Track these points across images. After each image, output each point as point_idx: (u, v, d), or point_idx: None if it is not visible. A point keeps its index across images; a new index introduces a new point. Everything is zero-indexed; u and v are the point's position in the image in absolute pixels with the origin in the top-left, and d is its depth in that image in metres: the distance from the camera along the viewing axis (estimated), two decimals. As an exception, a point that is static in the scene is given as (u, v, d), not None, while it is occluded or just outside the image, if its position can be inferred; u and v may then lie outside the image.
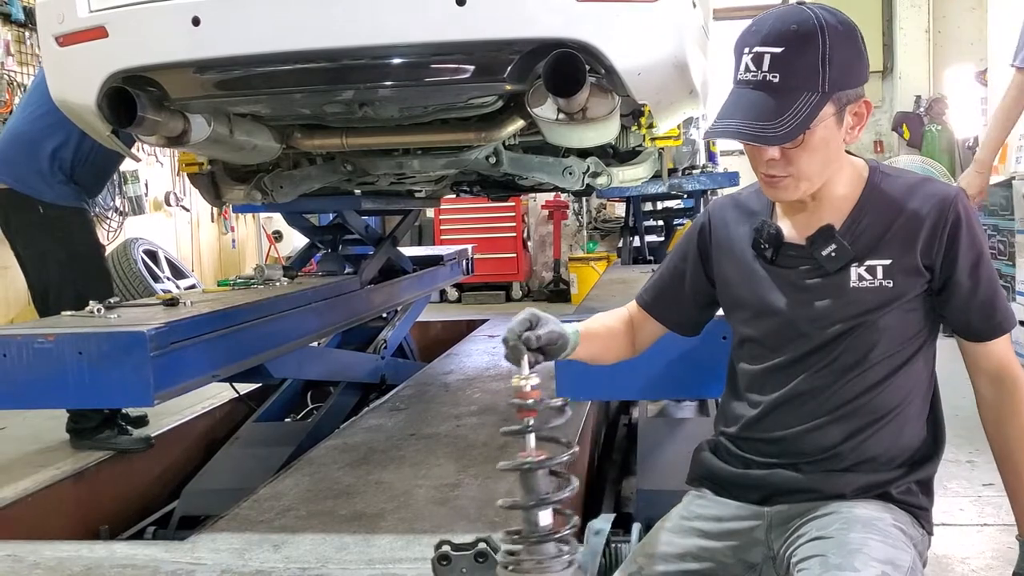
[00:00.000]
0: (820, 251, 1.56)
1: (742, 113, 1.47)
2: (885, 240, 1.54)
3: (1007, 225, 5.28)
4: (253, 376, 3.62)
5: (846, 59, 1.45)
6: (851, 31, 1.48)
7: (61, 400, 2.95)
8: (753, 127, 1.45)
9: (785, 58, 1.44)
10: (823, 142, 1.48)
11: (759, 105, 1.45)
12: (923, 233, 1.53)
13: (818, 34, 1.43)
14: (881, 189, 1.57)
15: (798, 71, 1.44)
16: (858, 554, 1.43)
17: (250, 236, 9.59)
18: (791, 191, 1.54)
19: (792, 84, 1.44)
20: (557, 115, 2.48)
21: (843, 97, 1.47)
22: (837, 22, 1.46)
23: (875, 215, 1.56)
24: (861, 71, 1.50)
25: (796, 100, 1.44)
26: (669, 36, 2.46)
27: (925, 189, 1.56)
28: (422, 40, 2.41)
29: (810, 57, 1.43)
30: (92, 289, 3.54)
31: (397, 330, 5.45)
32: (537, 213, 9.90)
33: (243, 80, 2.60)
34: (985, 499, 2.79)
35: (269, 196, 3.41)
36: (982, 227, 1.58)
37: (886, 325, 1.56)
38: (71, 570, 2.39)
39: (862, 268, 1.55)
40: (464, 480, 3.06)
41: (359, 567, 2.35)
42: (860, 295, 1.55)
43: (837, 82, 1.45)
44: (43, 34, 2.73)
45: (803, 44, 1.44)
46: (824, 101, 1.45)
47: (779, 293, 1.62)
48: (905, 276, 1.54)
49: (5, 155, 3.74)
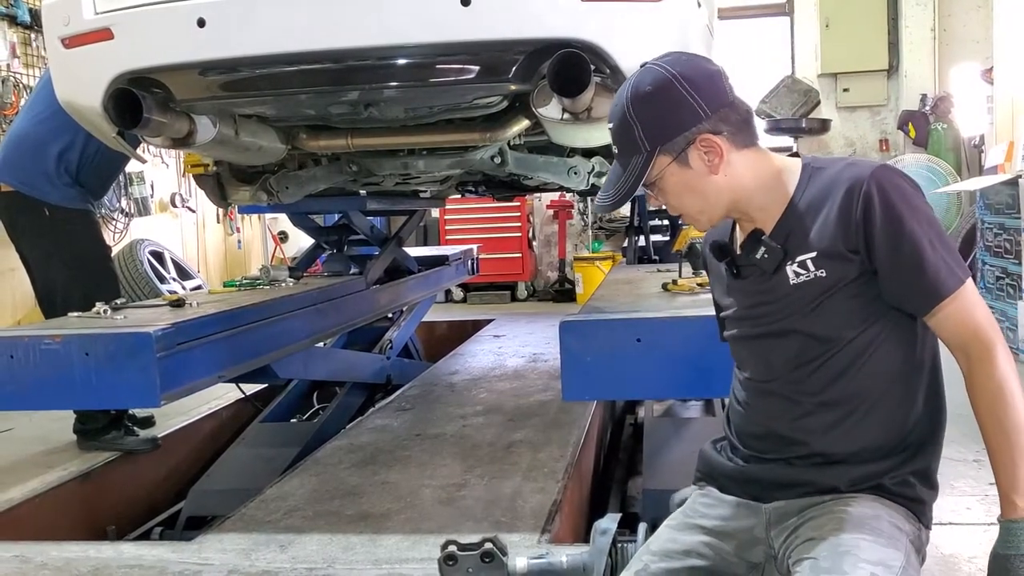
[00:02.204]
0: (754, 256, 1.64)
1: (606, 186, 1.69)
2: (811, 233, 1.58)
3: (1013, 224, 5.26)
4: (259, 377, 3.62)
5: (655, 117, 1.57)
6: (661, 89, 1.57)
7: (68, 401, 2.96)
8: (603, 198, 1.68)
9: (614, 132, 1.63)
10: (678, 185, 1.61)
11: (611, 175, 1.68)
12: (838, 219, 1.54)
13: (624, 106, 1.59)
14: (810, 185, 1.61)
15: (622, 142, 1.62)
16: (848, 556, 1.44)
17: (255, 237, 9.60)
18: (696, 223, 1.71)
19: (622, 152, 1.63)
20: (562, 115, 2.48)
21: (673, 146, 1.57)
22: (644, 85, 1.58)
23: (803, 212, 1.60)
24: (682, 118, 1.57)
25: (627, 165, 1.61)
26: (674, 36, 2.45)
27: (843, 174, 1.57)
28: (427, 41, 2.41)
29: (625, 127, 1.60)
30: (98, 290, 3.54)
31: (403, 330, 5.45)
32: (542, 213, 9.89)
33: (248, 81, 2.60)
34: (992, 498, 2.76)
35: (275, 197, 3.42)
36: (908, 195, 1.53)
37: (831, 312, 1.58)
38: (78, 570, 2.40)
39: (795, 265, 1.59)
40: (470, 480, 3.06)
41: (365, 567, 2.36)
42: (801, 290, 1.59)
43: (656, 138, 1.57)
44: (49, 36, 2.74)
45: (617, 117, 1.61)
46: (650, 158, 1.59)
47: (740, 299, 1.72)
48: (833, 263, 1.56)
49: (11, 157, 3.74)
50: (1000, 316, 5.38)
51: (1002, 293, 5.38)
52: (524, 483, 2.97)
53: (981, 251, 5.75)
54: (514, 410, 4.04)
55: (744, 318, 1.72)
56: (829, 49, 8.78)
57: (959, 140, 8.11)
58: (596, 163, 3.05)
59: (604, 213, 2.24)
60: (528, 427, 3.69)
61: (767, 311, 1.66)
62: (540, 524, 2.57)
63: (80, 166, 3.68)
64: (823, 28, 8.75)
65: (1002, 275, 5.40)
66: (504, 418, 3.91)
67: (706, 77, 1.59)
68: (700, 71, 1.60)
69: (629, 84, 1.61)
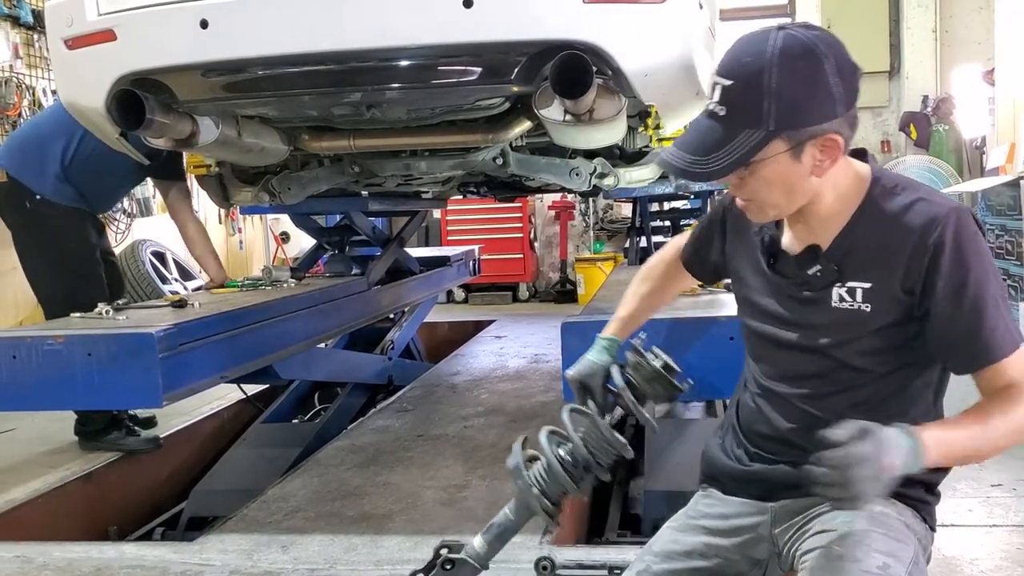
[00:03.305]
0: (807, 270, 1.56)
1: (688, 144, 1.47)
2: (870, 262, 1.50)
3: (1015, 225, 5.26)
4: (261, 377, 3.63)
5: (801, 96, 1.39)
6: (816, 64, 1.39)
7: (70, 401, 2.97)
8: (688, 161, 1.45)
9: (733, 92, 1.41)
10: (776, 175, 1.44)
11: (704, 136, 1.44)
12: (905, 257, 1.47)
13: (764, 72, 1.37)
14: (876, 206, 1.52)
15: (741, 107, 1.40)
16: (860, 545, 1.44)
17: (257, 237, 9.61)
18: (758, 215, 1.55)
19: (735, 119, 1.41)
20: (564, 116, 2.48)
21: (797, 135, 1.40)
22: (798, 54, 1.38)
23: (865, 235, 1.51)
24: (826, 107, 1.40)
25: (734, 136, 1.41)
26: (676, 37, 2.46)
27: (918, 208, 1.47)
28: (429, 42, 2.41)
29: (754, 94, 1.38)
30: (80, 291, 3.56)
31: (404, 331, 5.45)
32: (544, 214, 9.90)
33: (251, 82, 2.61)
34: (994, 500, 2.78)
35: (277, 197, 3.42)
36: (982, 248, 1.46)
37: (866, 346, 1.54)
38: (80, 571, 2.41)
39: (843, 289, 1.53)
40: (472, 481, 3.06)
41: (367, 568, 2.36)
42: (839, 315, 1.54)
43: (785, 121, 1.39)
44: (52, 37, 2.74)
45: (749, 80, 1.39)
46: (769, 139, 1.40)
47: (773, 298, 1.65)
48: (882, 300, 1.50)
49: (15, 146, 3.82)
50: (1002, 318, 5.37)
51: (1004, 295, 5.38)
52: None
53: (983, 252, 5.74)
54: (516, 411, 4.05)
55: (772, 315, 1.65)
56: (830, 50, 8.77)
57: (960, 141, 8.11)
58: (598, 164, 3.05)
59: (686, 179, 2.05)
60: (530, 428, 3.68)
61: (799, 322, 1.60)
62: (541, 525, 2.57)
63: (72, 164, 3.67)
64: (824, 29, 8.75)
65: (1004, 277, 5.40)
66: (506, 419, 3.91)
67: (852, 70, 1.42)
68: (848, 61, 1.42)
69: (774, 46, 1.38)
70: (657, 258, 2.00)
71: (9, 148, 3.83)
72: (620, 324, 1.90)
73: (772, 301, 1.65)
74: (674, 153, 1.48)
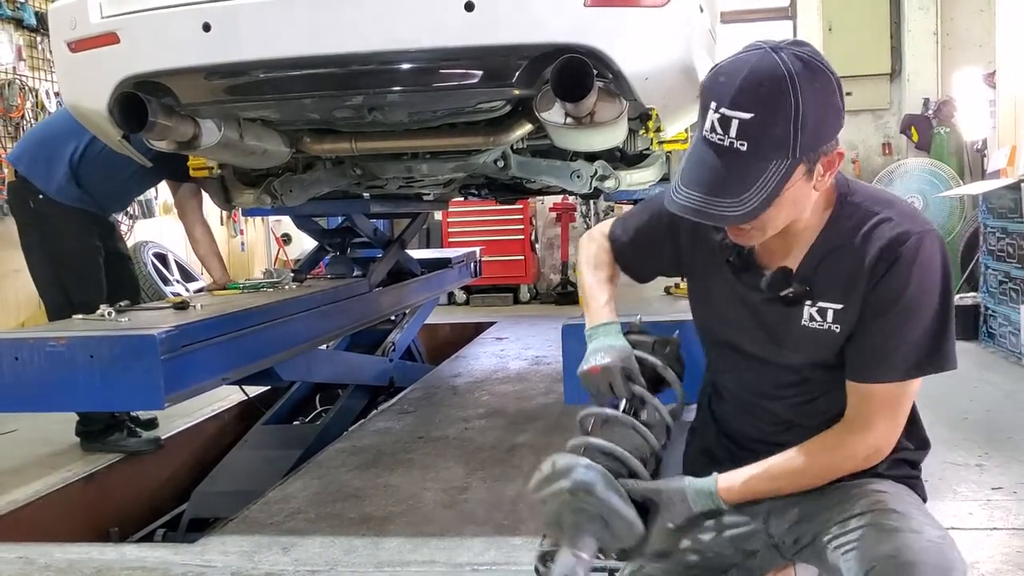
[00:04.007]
0: (778, 292, 1.54)
1: (706, 185, 1.37)
2: (839, 283, 1.50)
3: (1016, 228, 5.26)
4: (262, 379, 3.63)
5: (820, 118, 1.34)
6: (827, 82, 1.36)
7: (72, 403, 2.97)
8: (715, 204, 1.36)
9: (754, 125, 1.31)
10: (791, 200, 1.40)
11: (724, 176, 1.35)
12: (866, 278, 1.47)
13: (791, 96, 1.31)
14: (845, 222, 1.50)
15: (767, 139, 1.32)
16: (909, 518, 1.44)
17: (259, 239, 9.61)
18: (755, 239, 1.51)
19: (761, 153, 1.33)
20: (565, 119, 2.49)
21: (815, 155, 1.37)
22: (812, 76, 1.33)
23: (834, 254, 1.50)
24: (836, 124, 1.38)
25: (764, 170, 1.34)
26: (677, 41, 2.46)
27: (884, 229, 1.46)
28: (431, 45, 2.42)
29: (781, 124, 1.31)
30: (76, 292, 3.58)
31: (405, 333, 5.46)
32: (545, 216, 9.90)
33: (253, 85, 2.61)
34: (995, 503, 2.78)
35: (278, 200, 3.43)
36: (932, 274, 1.44)
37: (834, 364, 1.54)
38: (82, 572, 2.41)
39: (814, 308, 1.52)
40: (472, 483, 3.07)
41: (368, 570, 2.36)
42: (808, 333, 1.54)
43: (809, 144, 1.34)
44: (55, 40, 2.75)
45: (774, 109, 1.31)
46: (795, 166, 1.35)
47: (737, 306, 1.63)
48: (853, 323, 1.50)
49: (26, 144, 3.85)
50: (1003, 320, 5.38)
51: (1005, 297, 5.38)
52: (526, 486, 2.96)
53: (984, 255, 5.75)
54: (516, 413, 4.05)
55: (729, 325, 1.65)
56: (832, 53, 8.76)
57: (962, 144, 8.11)
58: (599, 167, 3.06)
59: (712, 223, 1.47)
60: (530, 430, 3.70)
61: (763, 338, 1.60)
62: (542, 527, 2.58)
63: (81, 165, 3.69)
64: (825, 32, 8.76)
65: (1005, 279, 5.40)
66: (506, 421, 3.91)
67: (839, 80, 1.39)
68: (834, 71, 1.38)
69: (790, 70, 1.31)
70: (597, 248, 1.89)
71: (22, 147, 3.87)
72: (609, 308, 1.78)
73: (730, 309, 1.64)
74: (693, 198, 1.38)
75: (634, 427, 1.63)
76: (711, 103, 1.35)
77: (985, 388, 4.38)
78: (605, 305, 1.78)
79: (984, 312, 5.68)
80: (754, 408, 1.70)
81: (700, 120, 1.39)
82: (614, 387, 1.66)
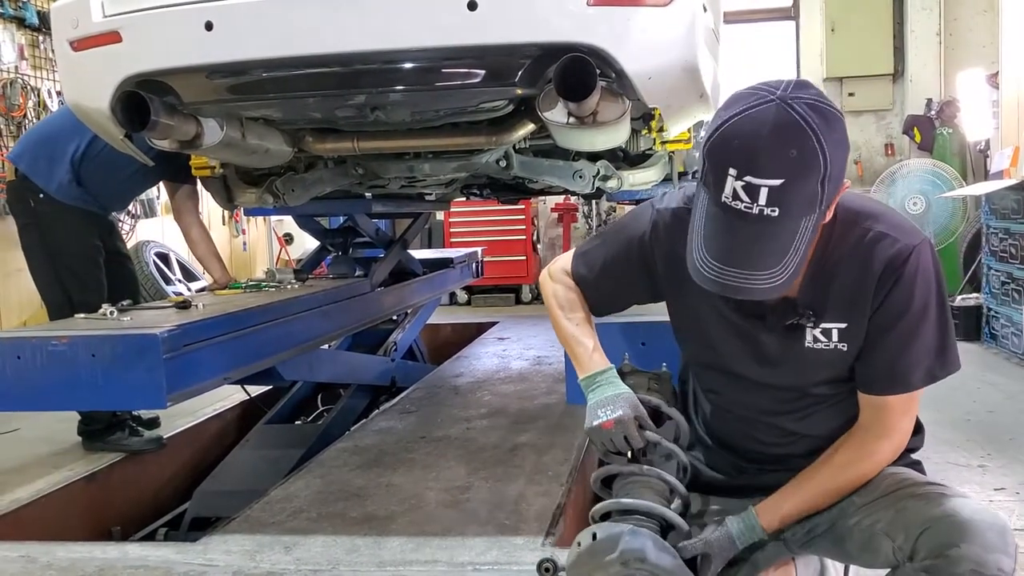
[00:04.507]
0: (784, 322, 1.53)
1: (738, 259, 1.32)
2: (841, 302, 1.50)
3: (1019, 228, 5.26)
4: (264, 378, 3.63)
5: (840, 166, 1.31)
6: (840, 127, 1.32)
7: (74, 402, 2.97)
8: (750, 278, 1.32)
9: (786, 191, 1.26)
10: (812, 246, 1.39)
11: (756, 246, 1.31)
12: (870, 296, 1.47)
13: (819, 156, 1.27)
14: (841, 240, 1.49)
15: (798, 201, 1.28)
16: (946, 487, 1.47)
17: (261, 239, 9.61)
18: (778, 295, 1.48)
19: (792, 215, 1.29)
20: (568, 119, 2.48)
21: (834, 197, 1.36)
22: (830, 126, 1.29)
23: (833, 274, 1.50)
24: (845, 166, 1.34)
25: (795, 232, 1.30)
26: (680, 40, 2.46)
27: (882, 245, 1.46)
28: (434, 44, 2.41)
29: (811, 183, 1.28)
30: (75, 291, 3.58)
31: (407, 332, 5.46)
32: (547, 216, 9.90)
33: (255, 84, 2.61)
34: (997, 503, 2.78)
35: (280, 199, 3.43)
36: (931, 285, 1.46)
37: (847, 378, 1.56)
38: (84, 571, 2.41)
39: (817, 330, 1.52)
40: (474, 483, 3.06)
41: (370, 569, 2.36)
42: (813, 355, 1.54)
43: (833, 192, 1.33)
44: (57, 39, 2.75)
45: (805, 172, 1.27)
46: (820, 218, 1.34)
47: (729, 334, 1.61)
48: (858, 340, 1.51)
49: (27, 142, 3.84)
50: (1005, 322, 5.37)
51: (1007, 298, 5.38)
52: (528, 486, 2.97)
53: (986, 256, 5.74)
54: (518, 413, 4.05)
55: (721, 355, 1.65)
56: (834, 53, 8.79)
57: (965, 145, 8.10)
58: (601, 167, 3.05)
59: (752, 298, 1.35)
60: (532, 430, 3.69)
61: (772, 367, 1.59)
62: (544, 527, 2.58)
63: (83, 164, 3.69)
64: (828, 32, 8.76)
65: (1007, 279, 5.39)
66: (508, 421, 3.91)
67: (842, 114, 1.36)
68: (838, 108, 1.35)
69: (814, 128, 1.26)
70: (564, 288, 1.82)
71: (22, 146, 3.85)
72: (599, 353, 1.73)
73: (730, 339, 1.62)
74: (726, 274, 1.32)
75: (659, 477, 1.61)
76: (730, 170, 1.28)
77: (987, 389, 4.38)
78: (595, 351, 1.73)
79: (986, 313, 5.67)
80: (756, 424, 1.69)
81: (710, 182, 1.32)
82: (629, 439, 1.60)
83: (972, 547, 1.32)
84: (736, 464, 1.74)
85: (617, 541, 1.44)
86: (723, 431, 1.77)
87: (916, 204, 7.00)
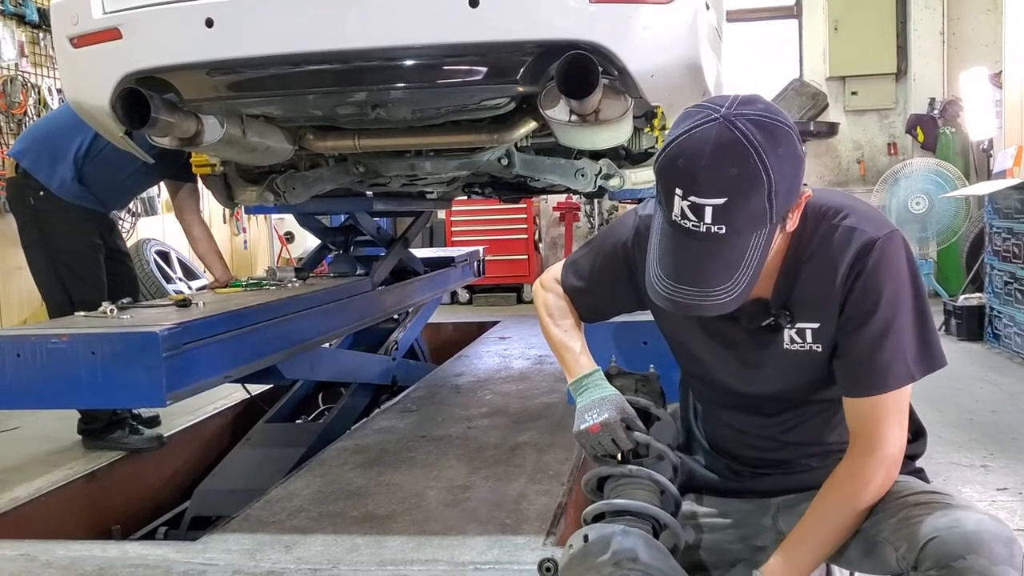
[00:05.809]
0: (759, 323, 1.52)
1: (689, 276, 1.34)
2: (812, 301, 1.49)
3: (1022, 228, 5.25)
4: (265, 377, 3.62)
5: (790, 178, 1.31)
6: (788, 140, 1.31)
7: (74, 400, 2.97)
8: (703, 295, 1.34)
9: (730, 209, 1.27)
10: (770, 256, 1.40)
11: (707, 263, 1.33)
12: (838, 293, 1.46)
13: (760, 172, 1.27)
14: (807, 237, 1.48)
15: (744, 218, 1.29)
16: (950, 496, 1.45)
17: (262, 237, 9.61)
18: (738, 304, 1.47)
19: (740, 231, 1.30)
20: (570, 117, 2.47)
21: (788, 210, 1.36)
22: (774, 140, 1.29)
23: (804, 272, 1.49)
24: (802, 173, 1.35)
25: (746, 248, 1.32)
26: (682, 38, 2.45)
27: (848, 237, 1.45)
28: (435, 41, 2.41)
29: (755, 200, 1.28)
30: (76, 290, 3.58)
31: (408, 332, 5.45)
32: (548, 215, 9.89)
33: (256, 81, 2.61)
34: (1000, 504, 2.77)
35: (281, 197, 3.42)
36: (901, 275, 1.44)
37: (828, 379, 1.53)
38: (84, 570, 2.40)
39: (793, 330, 1.51)
40: (475, 482, 3.05)
41: (370, 568, 2.35)
42: (791, 357, 1.53)
43: (784, 205, 1.33)
44: (57, 35, 2.74)
45: (746, 189, 1.28)
46: (773, 231, 1.34)
47: (711, 341, 1.61)
48: (831, 338, 1.49)
49: (29, 139, 3.83)
50: (1008, 321, 5.36)
51: (1010, 298, 5.37)
52: (529, 485, 2.97)
53: (989, 255, 5.73)
54: (519, 412, 4.04)
55: (703, 363, 1.65)
56: (837, 52, 8.77)
57: (968, 144, 8.09)
58: (603, 165, 3.04)
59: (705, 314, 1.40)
60: (533, 429, 3.69)
61: (754, 373, 1.59)
62: (545, 527, 2.57)
63: (85, 162, 3.68)
64: (831, 31, 8.74)
65: (1010, 280, 5.38)
66: (509, 420, 3.90)
67: (793, 125, 1.35)
68: (787, 120, 1.34)
69: (754, 143, 1.27)
70: (554, 297, 1.84)
71: (24, 143, 3.84)
72: (587, 356, 1.74)
73: (712, 347, 1.62)
74: (679, 291, 1.35)
75: (650, 477, 1.59)
76: (676, 189, 1.30)
77: (990, 389, 4.37)
78: (582, 354, 1.73)
79: (989, 313, 5.66)
80: (747, 433, 1.69)
81: (662, 201, 1.34)
82: (617, 441, 1.61)
83: (979, 559, 1.30)
84: (733, 468, 1.74)
85: (609, 542, 1.43)
86: (718, 436, 1.76)
87: (919, 204, 6.99)
